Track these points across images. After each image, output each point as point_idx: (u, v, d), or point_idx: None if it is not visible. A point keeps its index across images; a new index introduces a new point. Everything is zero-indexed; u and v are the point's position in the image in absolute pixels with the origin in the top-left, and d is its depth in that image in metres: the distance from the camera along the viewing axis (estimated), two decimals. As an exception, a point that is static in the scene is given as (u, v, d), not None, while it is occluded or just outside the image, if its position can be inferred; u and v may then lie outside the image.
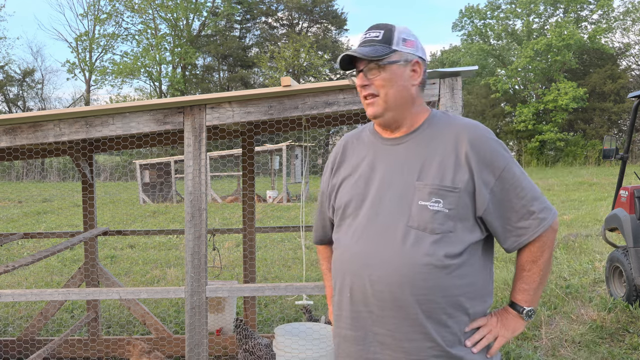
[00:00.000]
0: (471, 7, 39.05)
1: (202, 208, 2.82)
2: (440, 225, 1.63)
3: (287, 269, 7.80)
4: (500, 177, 1.66)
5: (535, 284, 1.74)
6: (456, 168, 1.65)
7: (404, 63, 1.71)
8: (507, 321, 1.76)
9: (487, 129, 1.73)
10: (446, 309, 1.64)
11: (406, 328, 1.65)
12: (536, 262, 1.71)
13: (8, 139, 2.91)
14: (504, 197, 1.67)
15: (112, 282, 4.53)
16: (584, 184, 19.14)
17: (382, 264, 1.66)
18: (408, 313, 1.64)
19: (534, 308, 1.76)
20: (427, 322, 1.64)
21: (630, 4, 35.99)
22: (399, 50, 1.71)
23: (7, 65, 39.35)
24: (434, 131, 1.73)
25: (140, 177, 18.45)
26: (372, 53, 1.68)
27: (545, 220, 1.68)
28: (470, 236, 1.66)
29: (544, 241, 1.70)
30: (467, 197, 1.65)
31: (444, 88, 2.69)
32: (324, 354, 3.38)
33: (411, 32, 1.76)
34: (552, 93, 33.83)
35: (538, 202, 1.68)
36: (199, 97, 2.80)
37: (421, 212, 1.64)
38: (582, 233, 9.69)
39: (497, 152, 1.68)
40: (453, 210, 1.63)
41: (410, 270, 1.63)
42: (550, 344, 4.59)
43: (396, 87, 1.71)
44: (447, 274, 1.63)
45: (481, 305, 1.71)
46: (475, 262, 1.68)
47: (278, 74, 37.76)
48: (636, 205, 5.34)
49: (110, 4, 39.51)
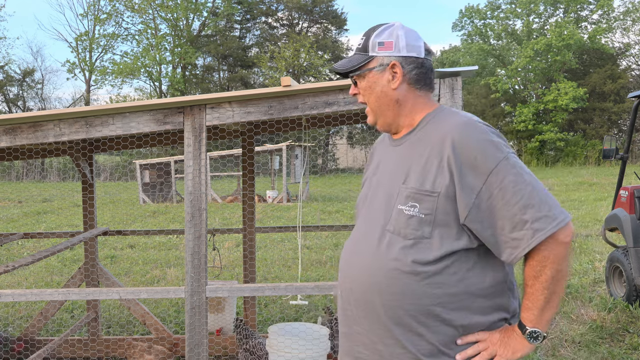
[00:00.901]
0: (471, 7, 39.03)
1: (202, 208, 2.82)
2: (414, 231, 1.56)
3: (287, 269, 7.80)
4: (487, 181, 1.51)
5: (539, 302, 1.54)
6: (438, 171, 1.56)
7: (380, 68, 1.66)
8: (509, 340, 1.59)
9: (479, 127, 1.58)
10: (417, 317, 1.57)
11: (378, 332, 1.62)
12: (538, 278, 1.53)
13: (8, 139, 2.91)
14: (493, 204, 1.51)
15: (112, 282, 4.53)
16: (584, 184, 19.14)
17: (357, 266, 1.67)
18: (378, 317, 1.61)
19: (540, 330, 1.56)
20: (395, 328, 1.59)
21: (630, 4, 36.00)
22: (376, 56, 1.67)
23: (7, 65, 39.34)
24: (426, 132, 1.65)
25: (140, 177, 18.44)
26: (347, 64, 1.69)
27: (540, 232, 1.47)
28: (453, 244, 1.55)
29: (544, 255, 1.50)
30: (448, 202, 1.54)
31: (444, 88, 2.69)
32: (323, 353, 3.38)
33: (396, 31, 1.67)
34: (552, 93, 33.81)
35: (534, 210, 1.48)
36: (199, 97, 2.80)
37: (398, 216, 1.59)
38: (582, 233, 9.69)
39: (484, 154, 1.52)
40: (429, 216, 1.54)
41: (379, 274, 1.59)
42: (550, 344, 4.59)
43: (375, 94, 1.69)
44: (417, 282, 1.55)
45: (477, 317, 1.58)
46: (464, 271, 1.56)
47: (278, 74, 37.74)
48: (636, 205, 5.34)
49: (110, 4, 39.51)
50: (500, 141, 1.57)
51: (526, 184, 1.50)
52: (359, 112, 3.34)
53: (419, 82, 1.69)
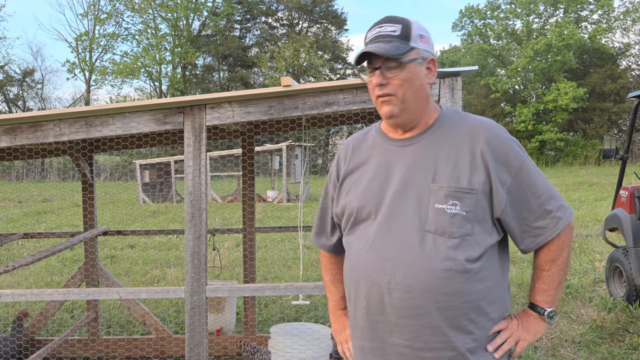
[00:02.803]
0: (471, 7, 39.03)
1: (202, 208, 2.82)
2: (459, 229, 1.57)
3: (287, 269, 7.80)
4: (517, 176, 1.61)
5: (554, 283, 1.69)
6: (472, 168, 1.59)
7: (421, 61, 1.63)
8: (528, 324, 1.70)
9: (501, 127, 1.69)
10: (469, 315, 1.59)
11: (427, 337, 1.58)
12: (555, 261, 1.67)
13: (8, 139, 2.91)
14: (520, 197, 1.62)
15: (112, 282, 4.53)
16: (584, 184, 19.13)
17: (400, 271, 1.58)
18: (429, 321, 1.57)
19: (555, 309, 1.72)
20: (449, 330, 1.57)
21: (630, 4, 36.00)
22: (416, 48, 1.61)
23: (7, 65, 39.36)
24: (446, 130, 1.66)
25: (140, 177, 18.44)
26: (393, 51, 1.57)
27: (562, 220, 1.64)
28: (488, 239, 1.61)
29: (562, 240, 1.66)
30: (484, 198, 1.59)
31: (444, 88, 2.69)
32: (323, 353, 3.38)
33: (424, 27, 1.67)
34: (552, 93, 33.80)
35: (554, 201, 1.65)
36: (199, 97, 2.80)
37: (438, 215, 1.57)
38: (582, 233, 9.69)
39: (513, 150, 1.63)
40: (471, 213, 1.57)
41: (431, 276, 1.56)
42: (550, 344, 4.59)
43: (415, 87, 1.62)
44: (468, 279, 1.57)
45: (501, 308, 1.68)
46: (493, 264, 1.64)
47: (278, 74, 37.74)
48: (636, 205, 5.34)
49: (111, 3, 39.53)
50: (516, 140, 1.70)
51: (543, 179, 1.66)
52: (359, 112, 3.34)
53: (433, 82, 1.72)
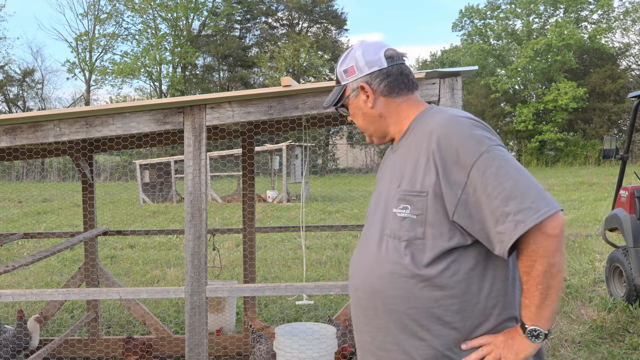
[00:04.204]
0: (471, 7, 39.04)
1: (202, 208, 2.82)
2: (407, 232, 1.56)
3: (287, 269, 7.80)
4: (470, 174, 1.49)
5: (535, 299, 1.48)
6: (425, 170, 1.56)
7: (354, 93, 1.76)
8: (513, 341, 1.53)
9: (461, 121, 1.56)
10: (419, 321, 1.55)
11: (381, 338, 1.62)
12: (530, 273, 1.48)
13: (8, 139, 2.91)
14: (478, 198, 1.48)
15: (112, 282, 4.53)
16: (584, 184, 19.13)
17: (359, 273, 1.69)
18: (381, 323, 1.61)
19: (540, 328, 1.50)
20: (399, 333, 1.58)
21: (630, 4, 36.01)
22: (347, 84, 1.77)
23: (7, 65, 39.36)
24: (415, 133, 1.67)
25: (140, 177, 18.44)
26: (331, 99, 1.80)
27: (522, 224, 1.42)
28: (446, 243, 1.53)
29: (533, 249, 1.45)
30: (437, 200, 1.53)
31: (444, 88, 2.69)
32: (323, 353, 3.38)
33: (353, 53, 1.74)
34: (552, 93, 33.81)
35: (516, 202, 1.43)
36: (199, 97, 2.80)
37: (392, 219, 1.61)
38: (582, 233, 9.69)
39: (466, 148, 1.50)
40: (421, 216, 1.54)
41: (379, 280, 1.60)
42: (550, 344, 4.59)
43: (361, 117, 1.78)
44: (415, 284, 1.54)
45: (481, 318, 1.55)
46: (464, 271, 1.54)
47: (278, 74, 37.75)
48: (636, 205, 5.34)
49: (111, 3, 39.52)
50: (484, 134, 1.54)
51: (509, 177, 1.46)
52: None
53: (393, 90, 1.72)
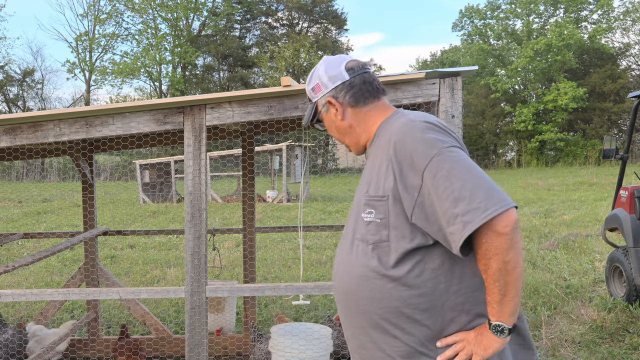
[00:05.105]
0: (471, 7, 39.04)
1: (202, 208, 2.83)
2: (373, 236, 1.64)
3: (287, 269, 7.80)
4: (424, 177, 1.54)
5: (495, 296, 1.53)
6: (386, 175, 1.64)
7: (324, 109, 1.83)
8: (482, 337, 1.59)
9: (416, 126, 1.60)
10: (389, 320, 1.62)
11: (359, 337, 1.72)
12: (486, 271, 1.52)
13: (8, 139, 2.91)
14: (432, 200, 1.54)
15: (112, 282, 4.53)
16: (584, 184, 19.13)
17: (336, 274, 1.79)
18: (356, 322, 1.71)
19: (504, 324, 1.55)
20: (373, 332, 1.66)
21: (630, 4, 36.00)
22: (317, 101, 1.84)
23: (7, 65, 39.37)
24: (379, 140, 1.74)
25: (140, 177, 18.44)
26: (307, 118, 1.88)
27: (469, 224, 1.45)
28: (408, 244, 1.59)
29: (485, 248, 1.48)
30: (396, 203, 1.60)
31: (444, 88, 2.69)
32: (323, 353, 3.38)
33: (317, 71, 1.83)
34: (552, 93, 33.81)
35: (464, 203, 1.46)
36: (199, 97, 2.80)
37: (361, 224, 1.69)
38: (582, 233, 9.69)
39: (417, 152, 1.56)
40: (385, 220, 1.62)
41: (350, 281, 1.70)
42: (550, 344, 4.59)
43: (334, 130, 1.85)
44: (383, 285, 1.61)
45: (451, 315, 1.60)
46: (430, 271, 1.59)
47: (278, 74, 37.76)
48: (636, 205, 5.34)
49: (110, 3, 39.54)
50: (437, 137, 1.56)
51: (458, 178, 1.49)
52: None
53: (358, 100, 1.79)
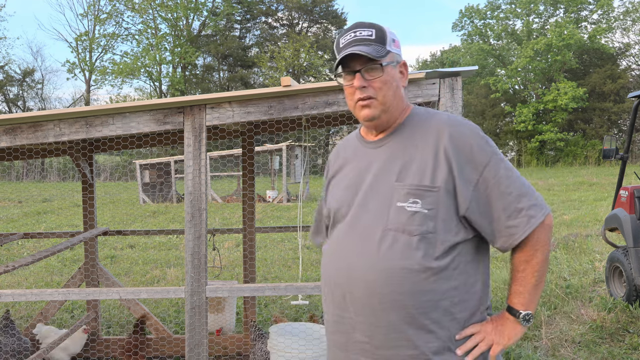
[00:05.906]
0: (471, 7, 39.04)
1: (202, 208, 2.83)
2: (419, 227, 1.56)
3: (287, 269, 7.80)
4: (484, 173, 1.59)
5: (530, 285, 1.64)
6: (435, 165, 1.59)
7: (395, 64, 1.68)
8: (503, 327, 1.65)
9: (470, 124, 1.66)
10: (429, 314, 1.57)
11: (384, 335, 1.60)
12: (529, 262, 1.63)
13: (8, 139, 2.91)
14: (489, 195, 1.59)
15: (112, 282, 4.53)
16: (584, 184, 19.13)
17: (358, 269, 1.62)
18: (384, 319, 1.59)
19: (532, 312, 1.65)
20: (409, 328, 1.58)
21: (630, 4, 36.01)
22: (391, 52, 1.66)
23: (7, 65, 39.37)
24: (413, 129, 1.68)
25: (140, 177, 18.45)
26: (375, 53, 1.61)
27: (534, 218, 1.59)
28: (454, 237, 1.59)
29: (536, 240, 1.61)
30: (448, 196, 1.58)
31: (444, 88, 2.69)
32: (323, 353, 3.38)
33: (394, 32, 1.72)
34: (552, 93, 33.81)
35: (526, 199, 1.60)
36: (199, 97, 2.80)
37: (399, 213, 1.58)
38: (582, 233, 9.69)
39: (479, 148, 1.61)
40: (433, 211, 1.57)
41: (385, 275, 1.58)
42: (550, 344, 4.59)
43: (392, 89, 1.66)
44: (427, 278, 1.56)
45: (470, 309, 1.63)
46: (463, 264, 1.61)
47: (278, 74, 37.76)
48: (636, 205, 5.34)
49: (111, 3, 39.55)
50: (488, 137, 1.67)
51: (516, 176, 1.63)
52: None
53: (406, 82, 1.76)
